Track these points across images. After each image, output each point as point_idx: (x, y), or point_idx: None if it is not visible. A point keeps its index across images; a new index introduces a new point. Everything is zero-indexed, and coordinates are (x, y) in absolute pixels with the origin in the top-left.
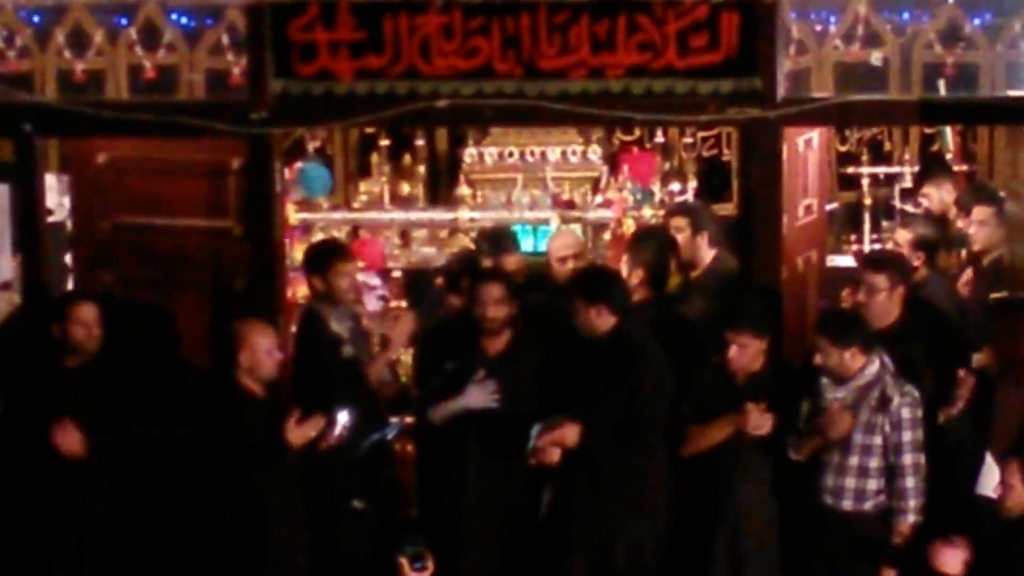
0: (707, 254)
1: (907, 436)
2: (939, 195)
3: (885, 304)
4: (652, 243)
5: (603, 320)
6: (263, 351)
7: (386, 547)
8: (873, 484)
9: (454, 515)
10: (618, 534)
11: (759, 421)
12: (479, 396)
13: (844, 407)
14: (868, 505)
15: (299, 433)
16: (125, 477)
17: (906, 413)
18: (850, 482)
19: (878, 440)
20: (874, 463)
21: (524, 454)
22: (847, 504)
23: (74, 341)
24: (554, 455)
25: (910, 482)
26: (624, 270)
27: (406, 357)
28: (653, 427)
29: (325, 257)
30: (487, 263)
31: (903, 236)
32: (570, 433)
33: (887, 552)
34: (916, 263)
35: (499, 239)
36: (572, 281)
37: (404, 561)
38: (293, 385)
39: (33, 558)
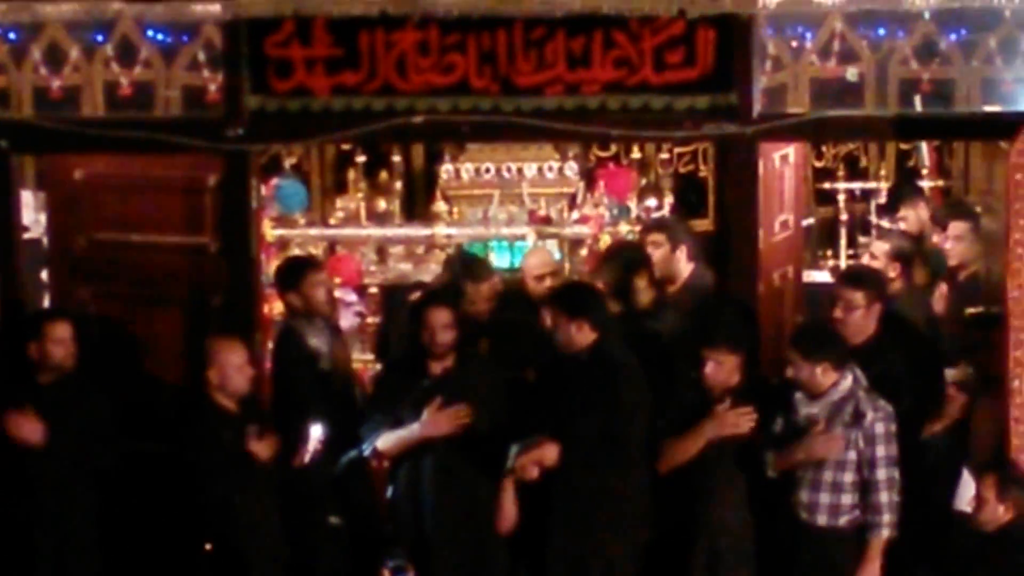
0: (684, 269)
1: (881, 451)
2: (916, 215)
3: (862, 320)
4: (617, 260)
5: (584, 335)
6: (233, 368)
7: (363, 563)
8: (847, 499)
9: (417, 533)
10: (595, 551)
11: (736, 420)
12: (433, 424)
13: (830, 430)
14: (843, 520)
15: (262, 446)
16: (102, 494)
17: (880, 428)
18: (824, 497)
19: (852, 455)
20: (848, 478)
21: (498, 470)
22: (822, 519)
23: (51, 359)
24: (532, 472)
25: (884, 497)
26: None
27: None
28: (631, 444)
29: (297, 272)
30: (468, 287)
31: (880, 248)
32: (549, 452)
33: None
34: (892, 274)
35: (474, 267)
36: (553, 296)
37: (386, 572)
38: (272, 402)
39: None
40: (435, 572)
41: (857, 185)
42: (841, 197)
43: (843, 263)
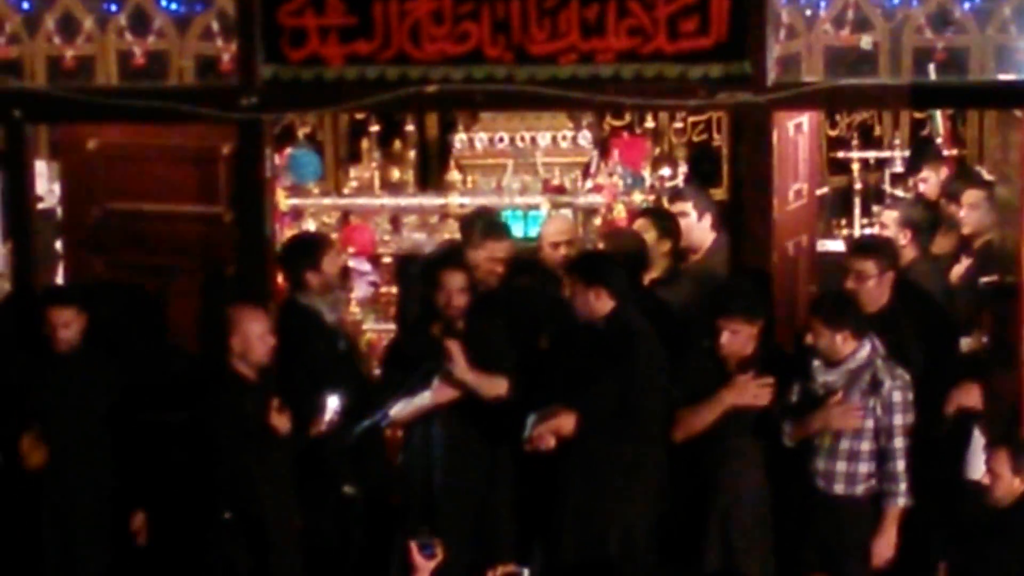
0: (708, 237)
1: (898, 419)
2: (937, 178)
3: (875, 289)
4: (617, 242)
5: (602, 303)
6: (256, 336)
7: (378, 532)
8: (864, 468)
9: (426, 499)
10: (611, 520)
11: (756, 390)
12: (440, 393)
13: (848, 399)
14: (859, 489)
15: (282, 419)
16: (118, 464)
17: (897, 396)
18: (841, 466)
19: (869, 424)
20: (865, 447)
21: (508, 437)
22: (838, 488)
23: (56, 341)
24: (549, 442)
25: (901, 465)
26: None
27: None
28: (648, 413)
29: (315, 249)
30: (478, 246)
31: (889, 216)
32: (566, 422)
33: None
34: (903, 242)
35: (492, 225)
36: (571, 264)
37: (414, 546)
38: (283, 375)
39: (21, 550)
40: (443, 538)
41: (871, 154)
42: (855, 166)
43: (857, 232)
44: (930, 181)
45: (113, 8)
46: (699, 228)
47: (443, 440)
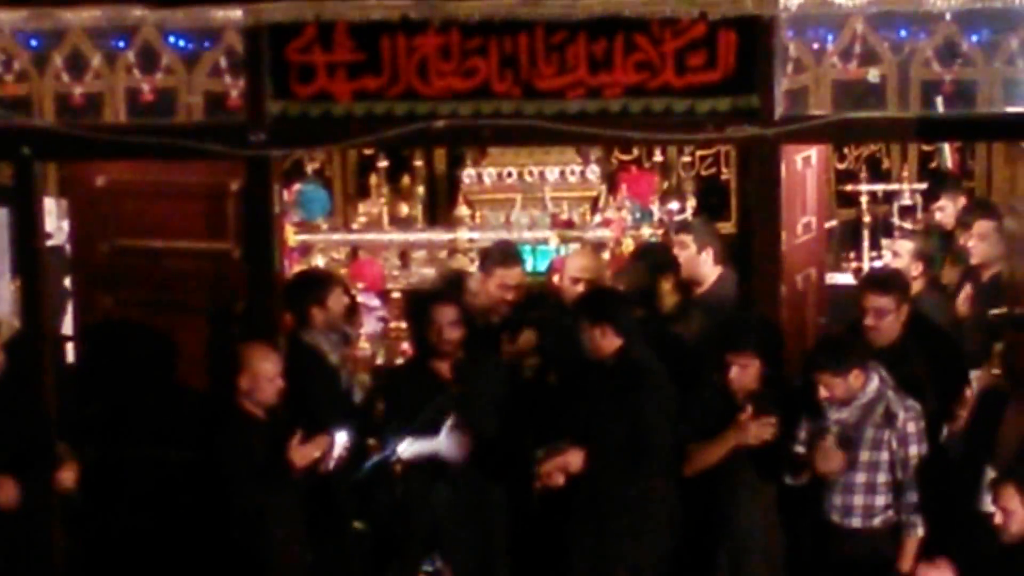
0: (712, 272)
1: (913, 450)
2: (954, 206)
3: (892, 324)
4: (642, 263)
5: (608, 341)
6: (265, 377)
7: (387, 567)
8: (881, 500)
9: (430, 536)
10: (620, 558)
11: (759, 430)
12: (452, 446)
13: (834, 443)
14: (877, 521)
15: (302, 453)
16: (123, 502)
17: (911, 427)
18: (858, 499)
19: (885, 456)
20: (881, 479)
21: (512, 471)
22: (856, 522)
23: None
24: (559, 479)
25: (918, 496)
26: None
27: None
28: (657, 450)
29: (322, 285)
30: (489, 273)
31: (904, 247)
32: (574, 459)
33: None
34: (915, 273)
35: (504, 252)
36: (577, 302)
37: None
38: (291, 414)
39: None
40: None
41: (879, 187)
42: (864, 199)
43: (866, 265)
44: (947, 210)
45: (121, 45)
46: (700, 262)
47: (446, 477)
